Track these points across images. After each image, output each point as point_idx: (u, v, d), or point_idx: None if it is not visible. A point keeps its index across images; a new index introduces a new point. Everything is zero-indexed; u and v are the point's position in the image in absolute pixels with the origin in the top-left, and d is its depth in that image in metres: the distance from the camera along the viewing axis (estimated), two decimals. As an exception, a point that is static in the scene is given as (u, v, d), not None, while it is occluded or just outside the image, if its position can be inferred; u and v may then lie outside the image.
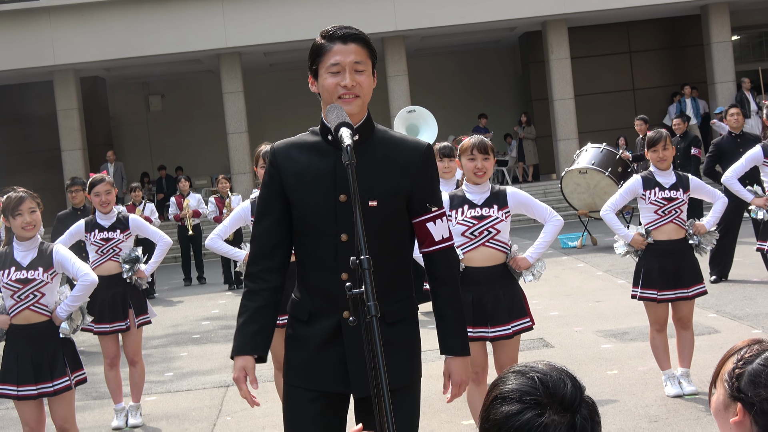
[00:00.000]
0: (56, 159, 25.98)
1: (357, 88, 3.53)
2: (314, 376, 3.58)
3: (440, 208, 3.64)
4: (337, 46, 3.56)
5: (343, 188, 3.49)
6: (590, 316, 10.68)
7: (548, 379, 1.98)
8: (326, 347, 3.56)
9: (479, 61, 30.66)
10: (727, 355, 2.27)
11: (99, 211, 8.05)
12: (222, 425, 7.75)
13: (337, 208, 3.51)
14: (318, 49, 3.60)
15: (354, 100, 3.53)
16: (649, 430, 6.42)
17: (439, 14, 24.64)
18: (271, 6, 24.39)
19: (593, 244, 17.49)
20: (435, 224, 3.60)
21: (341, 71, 3.53)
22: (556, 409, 1.94)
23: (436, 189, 3.66)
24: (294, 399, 3.65)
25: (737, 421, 2.20)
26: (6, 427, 8.36)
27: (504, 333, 5.94)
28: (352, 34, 3.60)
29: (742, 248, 12.89)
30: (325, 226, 3.53)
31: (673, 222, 7.24)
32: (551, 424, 1.92)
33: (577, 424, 1.94)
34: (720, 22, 25.70)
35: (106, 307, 7.83)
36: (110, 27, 24.46)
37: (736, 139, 11.79)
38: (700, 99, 26.02)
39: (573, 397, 1.97)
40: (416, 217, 3.61)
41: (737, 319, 9.65)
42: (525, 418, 1.93)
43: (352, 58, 3.54)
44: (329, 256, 3.54)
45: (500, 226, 5.99)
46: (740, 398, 2.19)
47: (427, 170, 3.62)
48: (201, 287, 17.59)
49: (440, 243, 3.61)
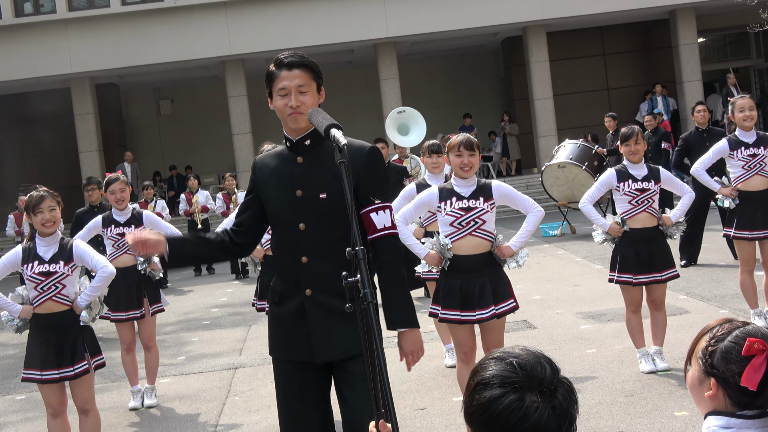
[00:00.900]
0: (74, 160, 25.94)
1: (302, 107, 3.82)
2: (287, 348, 3.92)
3: (383, 201, 3.82)
4: (284, 72, 3.85)
5: (297, 185, 3.85)
6: (570, 299, 10.70)
7: (526, 363, 1.98)
8: (295, 323, 3.87)
9: (465, 65, 30.64)
10: (701, 334, 2.28)
11: (115, 207, 8.05)
12: (231, 404, 7.75)
13: (294, 202, 3.85)
14: (270, 75, 3.91)
15: (300, 116, 3.83)
16: (625, 404, 6.43)
17: (428, 22, 24.66)
18: (271, 17, 24.37)
19: (572, 232, 17.50)
20: (377, 214, 3.78)
21: (288, 94, 3.84)
22: (535, 391, 1.94)
23: (379, 184, 3.86)
24: (279, 369, 3.97)
25: (711, 394, 2.21)
26: (31, 408, 8.36)
27: (490, 315, 5.95)
28: (296, 62, 3.85)
29: (709, 235, 12.92)
30: (286, 218, 3.88)
31: (646, 211, 7.25)
32: (532, 406, 1.92)
33: (557, 404, 1.94)
34: (687, 26, 25.73)
35: (122, 297, 7.84)
36: (123, 37, 24.42)
37: (702, 133, 11.80)
38: (669, 97, 26.06)
39: (551, 378, 1.97)
40: (362, 208, 3.79)
41: (706, 300, 9.67)
42: (507, 402, 1.93)
43: (297, 83, 3.83)
44: (291, 243, 3.87)
45: (486, 216, 6.00)
46: (714, 373, 2.20)
47: (369, 168, 3.82)
48: (210, 277, 17.61)
49: (381, 231, 3.78)
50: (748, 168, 8.13)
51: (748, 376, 2.11)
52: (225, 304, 13.57)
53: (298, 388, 3.88)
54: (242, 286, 15.23)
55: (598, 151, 17.19)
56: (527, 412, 1.91)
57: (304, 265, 3.82)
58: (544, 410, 1.92)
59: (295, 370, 3.89)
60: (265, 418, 7.15)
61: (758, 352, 2.12)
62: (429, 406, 6.96)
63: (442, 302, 6.04)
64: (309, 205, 3.82)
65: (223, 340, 10.66)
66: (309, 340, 3.81)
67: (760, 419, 2.15)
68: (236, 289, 15.12)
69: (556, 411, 1.93)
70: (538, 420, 1.91)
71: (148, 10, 24.58)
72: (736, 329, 2.20)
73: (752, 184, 8.13)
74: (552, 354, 2.18)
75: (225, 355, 9.80)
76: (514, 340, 8.58)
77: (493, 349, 6.15)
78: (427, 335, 8.80)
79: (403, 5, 24.59)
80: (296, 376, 3.88)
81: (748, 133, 8.15)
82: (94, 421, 6.14)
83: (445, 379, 7.68)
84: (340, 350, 3.78)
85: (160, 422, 7.49)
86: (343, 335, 3.75)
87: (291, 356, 3.89)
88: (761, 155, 8.12)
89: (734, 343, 2.17)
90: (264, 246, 7.45)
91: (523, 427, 1.91)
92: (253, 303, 7.74)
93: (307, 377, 3.87)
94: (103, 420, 6.97)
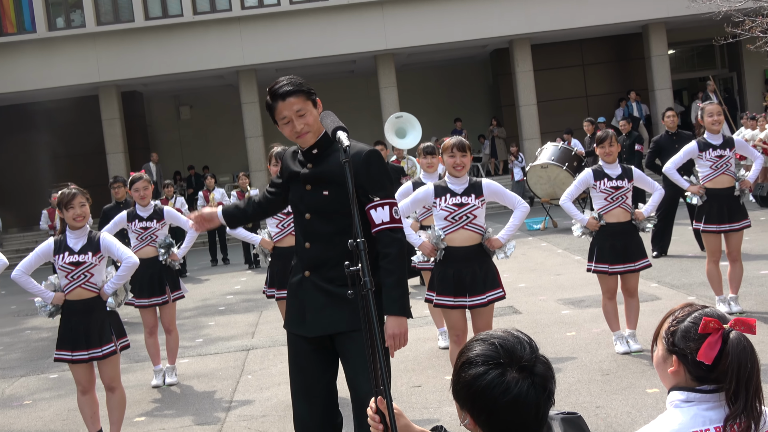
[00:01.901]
0: (102, 160, 25.92)
1: (305, 128, 3.93)
2: (289, 321, 4.05)
3: (382, 198, 3.82)
4: (280, 103, 3.91)
5: (306, 181, 3.98)
6: (552, 286, 10.69)
7: (507, 343, 2.02)
8: (294, 296, 4.02)
9: (457, 74, 30.60)
10: (665, 317, 2.31)
11: (138, 204, 8.04)
12: (244, 382, 7.75)
13: (303, 195, 3.99)
14: (269, 106, 3.98)
15: (306, 136, 3.95)
16: (602, 381, 6.43)
17: (423, 35, 24.65)
18: (280, 31, 24.35)
19: (554, 226, 17.50)
20: (376, 211, 3.78)
21: (290, 121, 3.92)
22: (515, 368, 1.97)
23: (379, 183, 3.88)
24: (289, 342, 4.08)
25: (674, 370, 2.24)
26: (62, 386, 8.36)
27: (480, 302, 5.94)
28: (288, 91, 3.90)
29: (679, 228, 12.92)
30: (298, 208, 4.05)
31: (621, 207, 7.25)
32: (512, 381, 1.96)
33: (535, 379, 1.97)
34: (658, 39, 25.71)
35: (145, 285, 7.83)
36: (146, 49, 24.42)
37: (672, 136, 11.80)
38: (642, 103, 26.06)
39: (529, 356, 2.00)
40: (364, 206, 3.80)
41: (675, 287, 9.66)
42: (489, 378, 1.96)
43: (295, 109, 3.89)
44: (300, 229, 4.05)
45: (477, 212, 5.99)
46: (675, 351, 2.24)
47: (367, 169, 3.85)
48: (225, 267, 17.59)
49: (380, 225, 3.78)
50: (715, 168, 8.12)
51: (704, 352, 2.14)
52: (239, 292, 13.57)
53: (303, 360, 3.96)
54: (254, 276, 15.21)
55: (576, 153, 17.20)
56: (508, 386, 1.95)
57: (307, 250, 3.96)
58: (524, 384, 1.95)
59: (301, 343, 3.96)
60: (276, 395, 7.14)
61: (713, 331, 2.15)
62: (424, 384, 6.96)
63: (436, 289, 6.04)
64: (314, 198, 3.93)
65: (236, 324, 10.66)
66: (304, 314, 3.93)
67: (716, 393, 2.17)
68: (249, 278, 15.11)
69: (535, 385, 1.96)
70: (518, 393, 1.95)
71: (170, 25, 24.56)
72: (695, 311, 2.24)
73: (718, 183, 8.12)
74: (535, 336, 2.20)
75: (239, 338, 9.79)
76: (502, 324, 8.58)
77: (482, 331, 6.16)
78: (423, 319, 8.79)
79: (400, 20, 24.58)
80: (302, 348, 3.96)
81: (716, 136, 8.15)
82: (120, 397, 6.14)
83: (439, 359, 7.67)
84: (331, 325, 3.86)
85: (180, 399, 7.49)
86: (334, 312, 3.83)
87: (293, 329, 4.01)
88: (727, 156, 8.12)
89: (693, 323, 2.20)
90: (274, 239, 7.44)
91: (504, 400, 1.94)
92: (264, 291, 7.73)
93: (311, 351, 3.93)
94: (128, 396, 6.98)
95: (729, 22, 18.26)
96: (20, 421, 7.36)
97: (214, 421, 6.67)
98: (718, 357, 2.14)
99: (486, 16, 24.66)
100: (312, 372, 3.93)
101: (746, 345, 2.14)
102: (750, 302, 8.43)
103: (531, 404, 1.95)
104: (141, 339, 8.73)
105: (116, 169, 24.74)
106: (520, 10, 24.77)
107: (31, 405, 7.86)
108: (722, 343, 2.14)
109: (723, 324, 2.16)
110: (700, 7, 19.47)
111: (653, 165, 11.90)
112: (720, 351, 2.14)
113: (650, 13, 24.94)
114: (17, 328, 12.51)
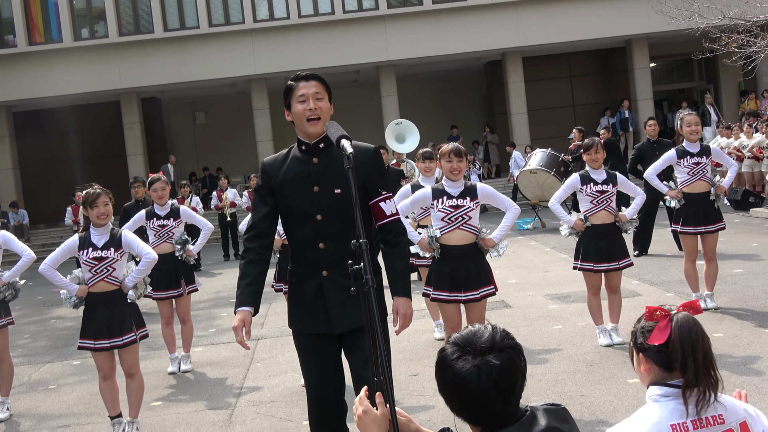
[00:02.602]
0: (122, 162, 25.94)
1: (318, 111, 3.80)
2: (307, 321, 3.86)
3: (388, 192, 3.81)
4: (302, 83, 3.84)
5: (314, 182, 3.78)
6: (540, 283, 10.69)
7: (469, 332, 2.06)
8: (314, 299, 3.82)
9: (453, 84, 30.60)
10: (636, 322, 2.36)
11: (156, 203, 8.04)
12: (254, 370, 7.75)
13: (312, 197, 3.78)
14: (289, 87, 3.88)
15: (317, 122, 3.80)
16: (586, 372, 6.43)
17: (422, 48, 24.69)
18: (289, 42, 24.37)
19: (542, 227, 17.49)
20: (385, 203, 3.77)
21: (306, 100, 3.80)
22: (471, 354, 2.01)
23: (384, 178, 3.85)
24: (300, 341, 3.92)
25: (645, 368, 2.28)
26: (85, 372, 8.36)
27: (474, 297, 5.94)
28: (313, 75, 3.87)
29: (658, 229, 12.91)
30: (306, 212, 3.79)
31: (605, 209, 7.24)
32: (463, 362, 2.00)
33: (494, 362, 1.98)
34: (641, 53, 25.72)
35: (162, 279, 7.82)
36: (164, 59, 24.44)
37: (653, 144, 11.79)
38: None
39: (484, 344, 2.01)
40: (371, 199, 3.77)
41: (655, 285, 9.66)
42: (450, 358, 2.03)
43: (314, 90, 3.81)
44: (310, 232, 3.80)
45: (472, 213, 5.99)
46: (640, 348, 2.29)
47: (375, 165, 3.80)
48: (237, 262, 17.56)
49: (390, 216, 3.78)
50: (692, 174, 8.12)
51: (655, 335, 2.20)
52: (249, 285, 13.54)
53: (316, 357, 3.86)
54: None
55: (564, 159, 17.20)
56: (463, 368, 1.99)
57: (321, 251, 3.78)
58: (473, 368, 1.98)
59: (312, 342, 3.86)
60: (283, 381, 7.14)
61: (661, 318, 2.21)
62: (421, 373, 6.96)
63: (433, 284, 6.03)
64: (325, 199, 3.76)
65: (247, 315, 10.64)
66: (327, 314, 3.79)
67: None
68: (259, 272, 15.08)
69: (486, 368, 1.98)
70: (467, 375, 1.98)
71: (187, 36, 24.58)
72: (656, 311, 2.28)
73: (696, 188, 8.12)
74: (524, 329, 2.21)
75: (249, 328, 9.77)
76: (493, 318, 8.57)
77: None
78: (420, 312, 8.79)
79: (401, 34, 24.61)
80: (313, 346, 3.86)
81: (694, 144, 8.14)
82: (139, 383, 6.14)
83: (435, 350, 7.66)
84: (353, 322, 3.77)
85: (194, 384, 7.49)
86: (355, 310, 3.73)
87: (310, 329, 3.85)
88: (704, 163, 8.11)
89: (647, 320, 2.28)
90: (282, 237, 7.43)
91: (458, 381, 2.00)
92: (273, 285, 7.73)
93: (323, 347, 3.85)
94: (146, 382, 6.98)
95: (707, 37, 18.27)
96: (45, 404, 7.37)
97: (226, 405, 6.67)
98: (669, 340, 2.19)
99: (481, 31, 24.68)
100: (325, 367, 3.87)
101: (690, 320, 2.19)
102: (725, 299, 8.42)
103: (486, 387, 1.96)
104: (158, 329, 8.73)
105: (136, 170, 24.76)
106: (513, 25, 24.79)
107: (56, 389, 7.86)
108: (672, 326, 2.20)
109: (670, 311, 2.22)
110: (680, 24, 19.46)
111: (635, 170, 11.90)
112: (670, 335, 2.19)
113: (633, 29, 24.95)
114: (43, 318, 12.51)
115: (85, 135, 27.46)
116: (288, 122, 3.98)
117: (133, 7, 24.94)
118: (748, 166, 18.13)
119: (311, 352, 3.88)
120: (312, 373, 3.89)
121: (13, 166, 25.52)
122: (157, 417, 6.54)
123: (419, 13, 24.69)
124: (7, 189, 25.27)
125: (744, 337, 6.88)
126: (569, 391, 5.98)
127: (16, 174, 25.64)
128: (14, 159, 25.58)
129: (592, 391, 5.91)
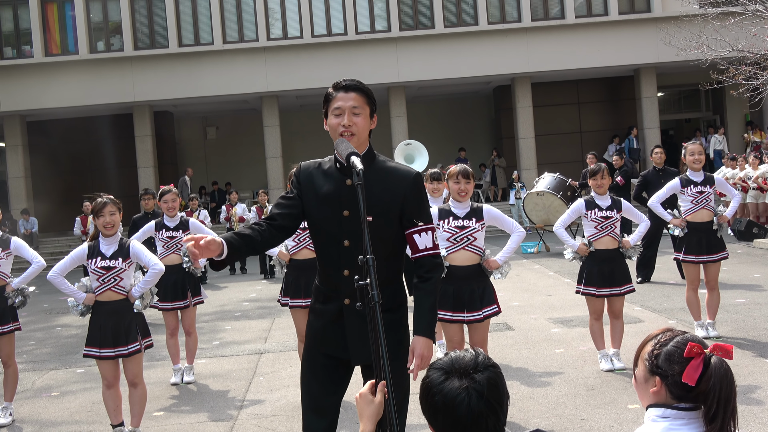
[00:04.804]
0: (133, 174, 26.02)
1: (353, 128, 3.49)
2: (324, 342, 3.61)
3: (426, 223, 3.50)
4: (340, 94, 3.52)
5: (345, 206, 3.48)
6: (543, 306, 10.67)
7: (450, 358, 2.14)
8: (333, 323, 3.57)
9: (462, 107, 30.68)
10: (645, 340, 2.34)
11: (166, 214, 8.06)
12: (256, 383, 7.74)
13: (341, 221, 3.48)
14: (327, 96, 3.56)
15: (351, 138, 3.48)
16: (587, 396, 6.41)
17: (433, 70, 24.77)
18: (301, 61, 24.49)
19: (546, 250, 17.47)
20: (420, 236, 3.48)
21: (342, 114, 3.49)
22: (457, 375, 2.08)
23: (423, 207, 3.54)
24: (309, 356, 3.67)
25: (656, 390, 2.26)
26: (89, 380, 8.36)
27: (477, 317, 5.94)
28: (353, 85, 3.54)
29: (662, 257, 12.89)
30: (332, 235, 3.51)
31: (609, 235, 7.25)
32: (450, 385, 2.07)
33: (478, 383, 2.06)
34: (648, 82, 25.76)
35: (168, 290, 7.84)
36: (177, 73, 24.57)
37: (658, 172, 11.78)
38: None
39: (467, 366, 2.10)
40: (406, 229, 3.51)
41: (657, 312, 9.64)
42: (436, 382, 2.11)
43: (351, 104, 3.49)
44: (335, 257, 3.52)
45: (477, 234, 6.00)
46: (658, 372, 2.25)
47: (414, 193, 3.51)
48: (242, 276, 17.60)
49: (423, 251, 3.49)
50: (696, 203, 8.13)
51: (689, 374, 2.17)
52: (254, 299, 13.56)
53: (320, 376, 3.62)
54: (269, 285, 15.22)
55: (571, 183, 17.20)
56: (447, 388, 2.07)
57: (345, 277, 3.48)
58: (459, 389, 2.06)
59: (322, 360, 3.62)
60: (285, 396, 7.13)
61: (696, 355, 2.18)
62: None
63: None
64: (355, 225, 3.44)
65: (251, 329, 10.65)
66: (345, 342, 3.54)
67: (692, 411, 2.19)
68: (264, 287, 15.11)
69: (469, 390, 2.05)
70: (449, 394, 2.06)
71: (200, 52, 24.71)
72: (677, 336, 2.26)
73: (699, 217, 8.12)
74: (526, 352, 2.24)
75: (252, 342, 9.78)
76: (496, 339, 8.56)
77: (478, 345, 6.13)
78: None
79: (412, 56, 24.71)
80: (320, 365, 3.62)
81: (697, 173, 8.16)
82: (142, 392, 6.14)
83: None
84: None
85: (196, 396, 7.49)
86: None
87: (326, 350, 3.60)
88: (707, 192, 8.12)
89: (676, 347, 2.22)
90: (290, 251, 7.42)
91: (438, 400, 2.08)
92: (279, 299, 7.73)
93: (331, 368, 3.62)
94: (149, 392, 6.98)
95: (714, 69, 18.33)
96: (48, 410, 7.36)
97: (227, 418, 6.66)
98: (699, 379, 2.17)
99: (491, 55, 24.78)
100: (327, 388, 3.61)
101: (727, 369, 2.17)
102: (726, 328, 8.40)
103: (476, 405, 2.03)
104: (163, 339, 8.73)
105: (146, 182, 24.84)
106: (523, 51, 24.89)
107: (59, 396, 7.86)
108: (704, 366, 2.16)
109: (704, 349, 2.19)
110: (688, 55, 19.55)
111: (640, 197, 11.90)
112: (701, 374, 2.16)
113: (642, 58, 25.02)
114: (49, 325, 12.52)
115: (96, 146, 27.59)
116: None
117: (149, 22, 25.12)
118: (753, 197, 18.13)
119: (315, 368, 3.64)
120: (312, 391, 3.67)
121: (25, 174, 25.62)
122: (159, 427, 6.53)
123: (431, 36, 24.81)
124: (19, 196, 25.36)
125: (745, 366, 6.85)
126: (569, 414, 5.96)
127: (28, 182, 25.74)
128: (26, 167, 25.69)
129: (592, 415, 5.89)
